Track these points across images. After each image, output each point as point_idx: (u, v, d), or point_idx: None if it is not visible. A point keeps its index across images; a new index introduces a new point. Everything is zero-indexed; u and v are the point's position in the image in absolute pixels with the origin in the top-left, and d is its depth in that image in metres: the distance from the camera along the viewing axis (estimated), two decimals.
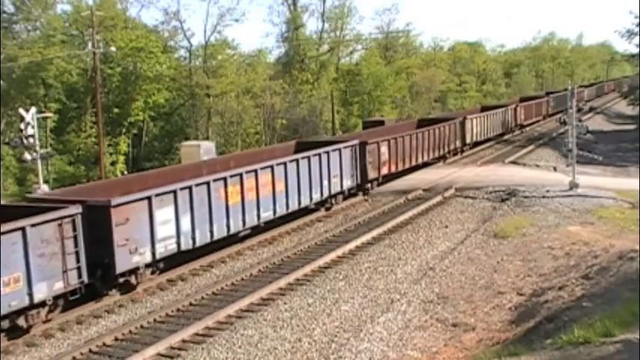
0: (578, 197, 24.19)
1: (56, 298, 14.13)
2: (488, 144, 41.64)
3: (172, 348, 13.32)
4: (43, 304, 13.84)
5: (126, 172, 46.51)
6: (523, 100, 57.24)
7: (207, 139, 48.75)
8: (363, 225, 22.51)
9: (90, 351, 13.27)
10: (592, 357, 9.42)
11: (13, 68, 43.29)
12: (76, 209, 14.30)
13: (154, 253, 16.02)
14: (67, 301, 14.53)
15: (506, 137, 45.10)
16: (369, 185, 26.43)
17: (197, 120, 55.03)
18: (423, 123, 35.86)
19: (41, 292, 13.56)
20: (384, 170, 27.36)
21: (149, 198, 15.86)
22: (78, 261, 14.30)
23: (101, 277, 15.35)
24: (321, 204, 23.75)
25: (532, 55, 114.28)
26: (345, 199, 25.22)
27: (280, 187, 20.66)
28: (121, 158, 48.49)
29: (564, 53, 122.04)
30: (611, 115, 73.42)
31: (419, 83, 77.38)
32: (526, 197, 24.68)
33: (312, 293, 16.24)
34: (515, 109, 47.78)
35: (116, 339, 13.83)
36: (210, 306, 15.49)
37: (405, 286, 17.11)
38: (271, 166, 20.37)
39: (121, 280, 15.60)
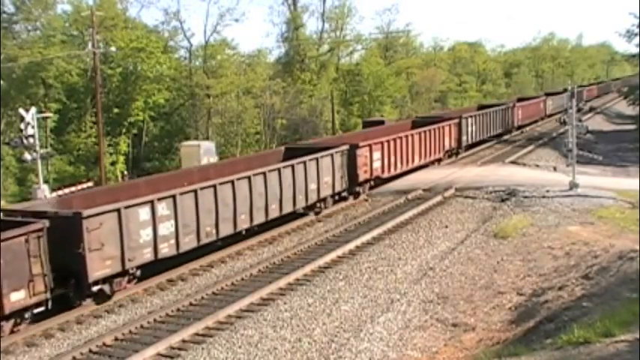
0: (578, 197, 24.18)
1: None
2: (486, 145, 41.64)
3: (172, 348, 13.33)
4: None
5: (126, 173, 46.57)
6: (417, 124, 35.23)
7: (207, 139, 48.75)
8: (363, 225, 22.52)
9: (90, 351, 13.27)
10: (592, 357, 9.42)
11: (13, 68, 43.32)
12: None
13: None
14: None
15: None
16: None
17: (197, 120, 55.05)
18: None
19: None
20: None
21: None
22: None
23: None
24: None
25: (532, 55, 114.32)
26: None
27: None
28: (121, 158, 48.51)
29: (564, 53, 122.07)
30: (611, 115, 73.40)
31: (419, 83, 77.44)
32: (526, 197, 24.67)
33: (312, 293, 16.25)
34: (365, 150, 25.87)
35: (116, 339, 13.84)
36: (210, 306, 15.49)
37: (405, 286, 17.12)
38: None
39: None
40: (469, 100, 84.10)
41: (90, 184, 32.56)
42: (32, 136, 28.87)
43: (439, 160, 34.00)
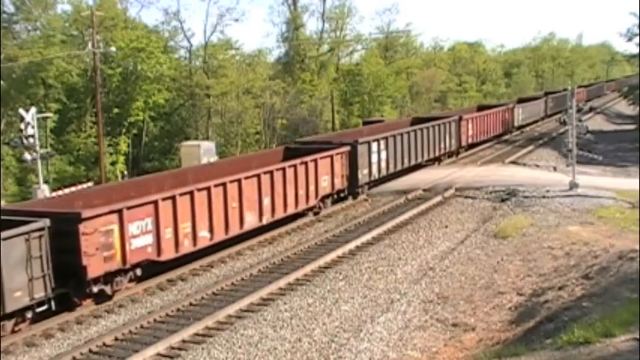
0: (578, 197, 24.19)
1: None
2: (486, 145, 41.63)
3: (172, 348, 13.33)
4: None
5: (126, 173, 46.56)
6: (292, 153, 24.75)
7: (207, 139, 48.76)
8: (363, 225, 22.51)
9: (90, 351, 13.28)
10: (592, 357, 9.42)
11: (13, 68, 43.28)
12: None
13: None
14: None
15: None
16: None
17: (197, 120, 55.05)
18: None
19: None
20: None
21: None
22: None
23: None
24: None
25: (532, 55, 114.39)
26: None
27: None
28: (121, 158, 48.48)
29: (564, 53, 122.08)
30: (611, 115, 73.39)
31: (419, 83, 77.47)
32: (526, 197, 24.68)
33: (312, 293, 16.25)
34: (100, 222, 15.00)
35: (116, 339, 13.84)
36: (210, 306, 15.50)
37: (405, 286, 17.12)
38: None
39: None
40: (469, 100, 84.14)
41: (90, 184, 32.53)
42: (32, 136, 28.86)
43: (313, 209, 23.40)
